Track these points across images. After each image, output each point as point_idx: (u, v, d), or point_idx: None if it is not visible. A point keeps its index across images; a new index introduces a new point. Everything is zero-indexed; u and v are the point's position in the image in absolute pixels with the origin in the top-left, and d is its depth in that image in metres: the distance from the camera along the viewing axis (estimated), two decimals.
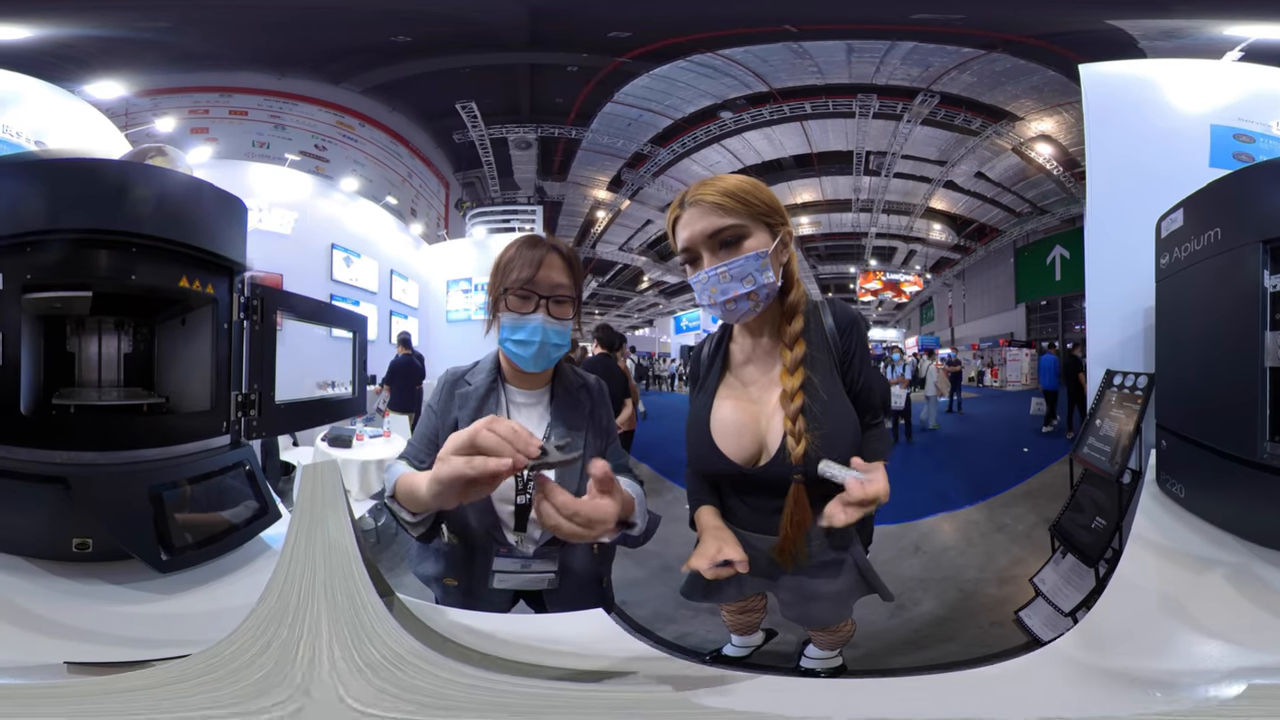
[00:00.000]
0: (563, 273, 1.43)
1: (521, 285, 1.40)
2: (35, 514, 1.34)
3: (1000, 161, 3.56)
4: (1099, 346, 2.34)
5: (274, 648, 0.93)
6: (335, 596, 0.97)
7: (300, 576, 0.99)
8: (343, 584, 0.98)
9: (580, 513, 0.97)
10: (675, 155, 3.66)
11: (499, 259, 1.46)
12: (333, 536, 1.01)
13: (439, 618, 1.22)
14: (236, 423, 1.66)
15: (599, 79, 3.24)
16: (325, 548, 1.01)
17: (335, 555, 1.00)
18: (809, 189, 3.84)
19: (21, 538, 1.34)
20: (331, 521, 1.03)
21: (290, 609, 0.96)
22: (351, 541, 1.02)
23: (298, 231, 3.22)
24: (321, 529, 1.02)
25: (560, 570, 1.48)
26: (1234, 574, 1.38)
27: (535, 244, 1.43)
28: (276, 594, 0.97)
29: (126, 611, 1.26)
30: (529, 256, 1.41)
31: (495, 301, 1.46)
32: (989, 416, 4.07)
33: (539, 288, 1.41)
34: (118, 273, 1.39)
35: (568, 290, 1.44)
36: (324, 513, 1.04)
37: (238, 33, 2.65)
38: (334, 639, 0.94)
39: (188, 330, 1.65)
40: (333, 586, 0.98)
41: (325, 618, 0.95)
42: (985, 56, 3.01)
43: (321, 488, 1.06)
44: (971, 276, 4.09)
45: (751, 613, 1.74)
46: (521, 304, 1.41)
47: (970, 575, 2.84)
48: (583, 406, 1.56)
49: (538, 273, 1.40)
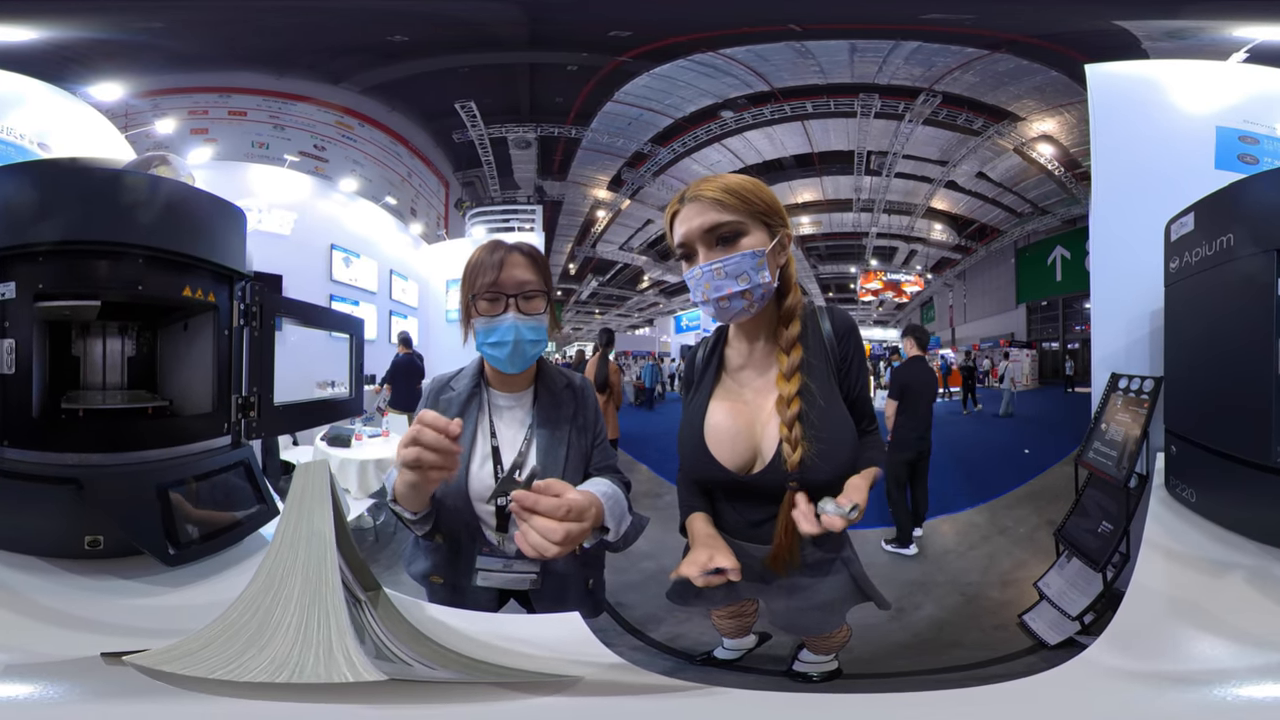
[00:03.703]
0: (527, 269, 1.46)
1: (488, 288, 1.43)
2: (49, 514, 1.40)
3: (1002, 162, 3.55)
4: (1104, 349, 2.32)
5: (259, 614, 1.08)
6: (309, 574, 1.09)
7: (285, 558, 1.11)
8: (316, 566, 1.10)
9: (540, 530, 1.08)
10: (676, 154, 3.64)
11: (465, 268, 1.49)
12: (316, 527, 1.12)
13: (417, 612, 1.32)
14: (237, 424, 1.70)
15: (599, 78, 3.22)
16: (308, 535, 1.12)
17: (315, 542, 1.11)
18: (810, 188, 3.83)
19: (36, 537, 1.40)
20: (317, 514, 1.13)
21: (275, 585, 1.09)
22: (330, 531, 1.12)
23: (297, 232, 3.19)
24: (307, 520, 1.12)
25: (542, 571, 1.50)
26: (1254, 576, 1.39)
27: (495, 248, 1.46)
28: (266, 573, 1.11)
29: (139, 604, 1.33)
30: (491, 260, 1.44)
31: (466, 310, 1.49)
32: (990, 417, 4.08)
33: (505, 288, 1.44)
34: (126, 283, 1.44)
35: (535, 285, 1.47)
36: (311, 506, 1.13)
37: (234, 33, 2.63)
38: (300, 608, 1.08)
39: (190, 335, 1.68)
40: (309, 567, 1.10)
41: (298, 591, 1.08)
42: (989, 57, 2.99)
43: (311, 484, 1.15)
44: (972, 277, 4.08)
45: (743, 617, 1.73)
46: (491, 306, 1.44)
47: (972, 578, 2.84)
48: (566, 407, 1.57)
49: (501, 274, 1.43)
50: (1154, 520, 1.69)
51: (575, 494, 1.12)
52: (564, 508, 1.08)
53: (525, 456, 1.51)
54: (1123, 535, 2.10)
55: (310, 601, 1.07)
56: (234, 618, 1.08)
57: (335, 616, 1.05)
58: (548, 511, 1.07)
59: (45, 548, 1.40)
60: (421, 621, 1.28)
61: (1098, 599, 2.18)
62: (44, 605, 1.27)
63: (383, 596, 1.30)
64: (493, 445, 1.52)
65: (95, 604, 1.30)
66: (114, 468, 1.44)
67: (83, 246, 1.40)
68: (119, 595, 1.34)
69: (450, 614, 1.33)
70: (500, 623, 1.37)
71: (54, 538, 1.41)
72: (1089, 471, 2.35)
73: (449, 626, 1.28)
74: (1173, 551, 1.56)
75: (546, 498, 1.08)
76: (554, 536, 1.06)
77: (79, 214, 1.40)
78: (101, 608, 1.29)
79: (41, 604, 1.27)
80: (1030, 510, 3.05)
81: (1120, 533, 2.11)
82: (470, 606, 1.46)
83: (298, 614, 1.06)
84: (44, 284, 1.38)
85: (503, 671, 1.14)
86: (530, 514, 1.07)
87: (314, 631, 1.04)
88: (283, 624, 1.05)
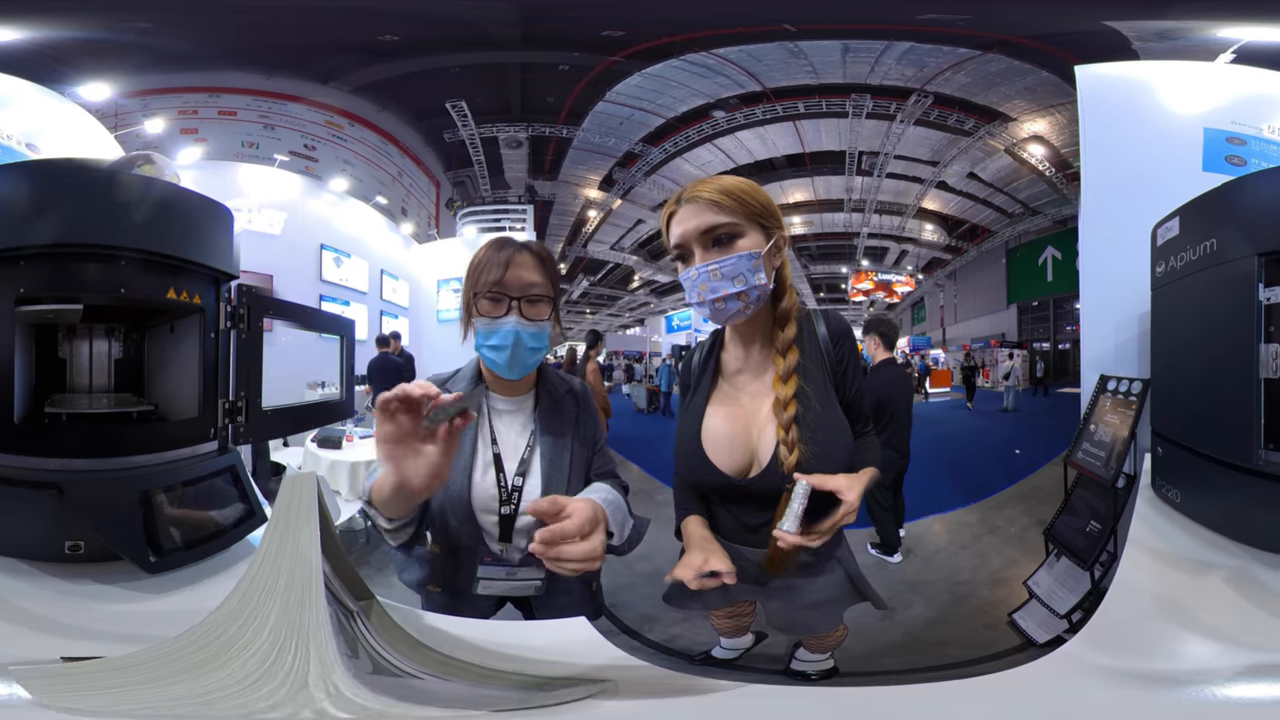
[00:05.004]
0: (534, 271, 1.40)
1: (491, 287, 1.37)
2: (30, 518, 1.38)
3: (993, 162, 3.55)
4: (1093, 350, 2.34)
5: (219, 643, 0.98)
6: (289, 601, 1.00)
7: (265, 580, 1.02)
8: (299, 592, 1.00)
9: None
10: (667, 154, 3.64)
11: (470, 264, 1.43)
12: (301, 549, 1.04)
13: (417, 622, 1.26)
14: (223, 429, 1.67)
15: (590, 78, 3.21)
16: (292, 557, 1.03)
17: (300, 565, 1.02)
18: (801, 188, 3.83)
19: (17, 540, 1.38)
20: (303, 535, 1.05)
21: (247, 610, 1.00)
22: (317, 553, 1.03)
23: (287, 232, 3.18)
24: (292, 541, 1.04)
25: (548, 576, 1.45)
26: (1233, 576, 1.41)
27: (503, 245, 1.40)
28: (239, 596, 1.02)
29: (116, 610, 1.30)
30: (497, 258, 1.38)
31: (467, 307, 1.43)
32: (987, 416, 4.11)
33: (509, 289, 1.38)
34: (108, 286, 1.41)
35: (541, 289, 1.41)
36: (297, 524, 1.05)
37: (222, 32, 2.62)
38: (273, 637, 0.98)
39: (176, 337, 1.65)
40: (289, 592, 1.00)
41: (273, 618, 0.98)
42: (980, 57, 3.00)
43: (297, 499, 1.07)
44: (963, 277, 4.09)
45: (740, 616, 1.73)
46: (493, 307, 1.38)
47: (962, 578, 2.85)
48: (568, 413, 1.53)
49: (507, 273, 1.37)
50: (1140, 520, 1.70)
51: (581, 505, 1.09)
52: (584, 525, 1.06)
53: (529, 465, 1.46)
54: (1110, 534, 2.12)
55: (287, 634, 0.96)
56: (196, 637, 0.98)
57: (317, 650, 0.94)
58: (574, 532, 1.04)
59: (25, 551, 1.38)
60: (421, 631, 1.22)
61: (1085, 597, 2.19)
62: (16, 606, 1.24)
63: (376, 606, 1.21)
64: (494, 453, 1.46)
65: (67, 607, 1.27)
66: (96, 473, 1.41)
67: (64, 249, 1.37)
68: (97, 600, 1.32)
69: (451, 622, 1.29)
70: (506, 630, 1.34)
71: (34, 541, 1.38)
72: (1078, 472, 2.36)
73: (452, 635, 1.23)
74: (1157, 550, 1.57)
75: (567, 523, 1.04)
76: (594, 554, 1.04)
77: (60, 216, 1.37)
78: (78, 612, 1.26)
79: (15, 605, 1.24)
80: (1021, 510, 3.07)
81: (1108, 532, 2.13)
82: (467, 613, 1.42)
83: (268, 643, 0.96)
84: (25, 288, 1.35)
85: (529, 680, 1.10)
86: (558, 546, 1.03)
87: (285, 664, 0.94)
88: (246, 653, 0.95)
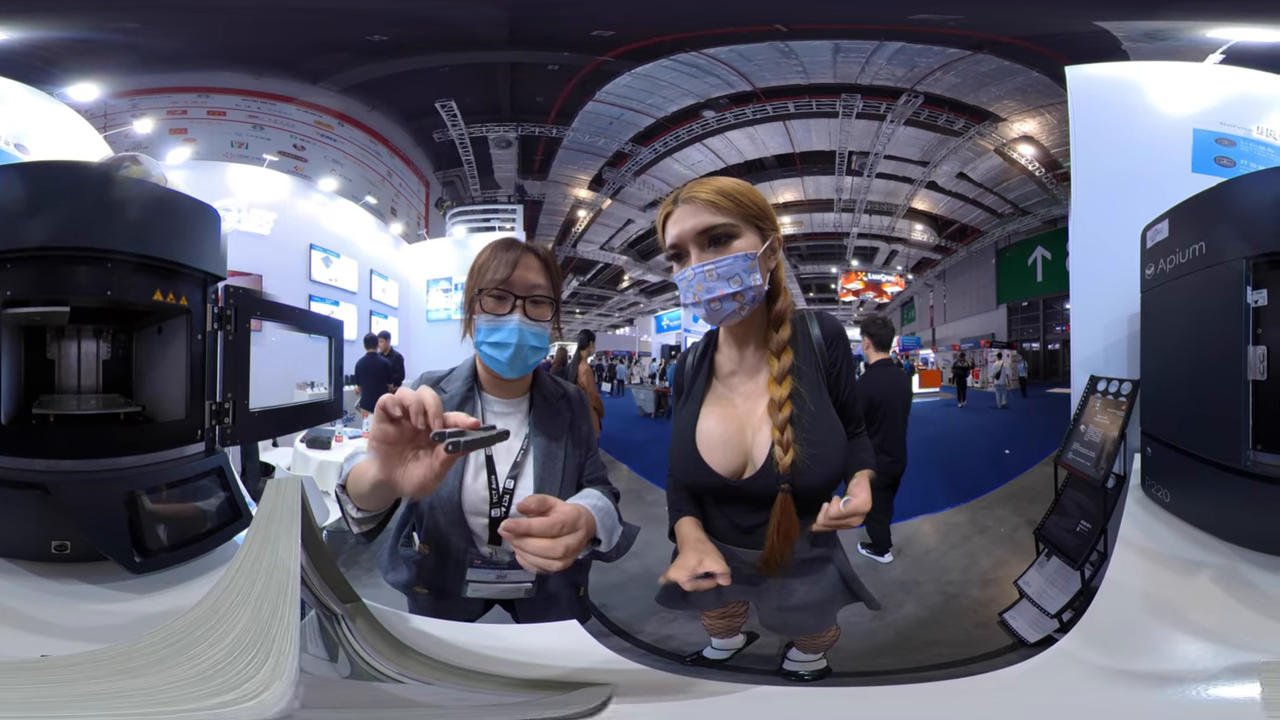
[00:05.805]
0: (539, 273, 1.42)
1: (497, 285, 1.38)
2: (16, 518, 1.37)
3: (983, 162, 3.57)
4: (1083, 351, 2.34)
5: (186, 640, 0.89)
6: (261, 607, 0.92)
7: (241, 585, 0.96)
8: (273, 599, 0.93)
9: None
10: (657, 154, 3.64)
11: (475, 262, 1.44)
12: (280, 556, 0.99)
13: (401, 625, 1.24)
14: (210, 431, 1.65)
15: (580, 77, 3.21)
16: (270, 564, 0.98)
17: (277, 572, 0.97)
18: (791, 189, 3.84)
19: (3, 539, 1.38)
20: (283, 543, 1.01)
21: (219, 613, 0.92)
22: (295, 561, 0.98)
23: (276, 232, 3.16)
24: (271, 549, 1.00)
25: (537, 580, 1.46)
26: (1221, 575, 1.41)
27: (510, 245, 1.41)
28: (214, 599, 0.94)
29: (101, 609, 1.29)
30: (504, 258, 1.39)
31: (470, 304, 1.43)
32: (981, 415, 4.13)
33: (515, 288, 1.39)
34: (94, 288, 1.41)
35: (545, 291, 1.42)
36: (277, 533, 1.02)
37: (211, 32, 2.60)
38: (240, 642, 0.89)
39: (164, 338, 1.63)
40: (263, 599, 0.93)
41: (241, 624, 0.90)
42: (970, 57, 3.00)
43: (279, 507, 1.05)
44: (953, 277, 4.11)
45: (732, 617, 1.72)
46: (497, 305, 1.39)
47: (953, 577, 2.85)
48: (562, 417, 1.53)
49: (513, 273, 1.38)
50: (1129, 520, 1.70)
51: (564, 507, 1.09)
52: (556, 524, 1.06)
53: (521, 468, 1.47)
54: (1100, 534, 2.12)
55: (252, 639, 0.87)
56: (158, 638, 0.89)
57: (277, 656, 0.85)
58: (541, 531, 1.05)
59: (11, 550, 1.38)
60: (406, 634, 1.21)
61: (1076, 596, 2.20)
62: (1, 605, 1.23)
63: (362, 609, 1.22)
64: (487, 455, 1.46)
65: (52, 607, 1.27)
66: (83, 474, 1.41)
67: (50, 251, 1.37)
68: (82, 600, 1.32)
69: (438, 625, 1.28)
70: (496, 633, 1.33)
71: (20, 540, 1.38)
72: (1068, 472, 2.37)
73: (438, 639, 1.22)
74: (1147, 550, 1.58)
75: (538, 520, 1.05)
76: (554, 553, 1.04)
77: (45, 218, 1.36)
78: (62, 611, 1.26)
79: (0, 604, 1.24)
80: (1011, 510, 3.08)
81: (1098, 532, 2.13)
82: (454, 615, 1.42)
83: (229, 648, 0.86)
84: (11, 290, 1.35)
85: (520, 684, 1.09)
86: (524, 537, 1.04)
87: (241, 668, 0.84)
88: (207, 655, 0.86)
